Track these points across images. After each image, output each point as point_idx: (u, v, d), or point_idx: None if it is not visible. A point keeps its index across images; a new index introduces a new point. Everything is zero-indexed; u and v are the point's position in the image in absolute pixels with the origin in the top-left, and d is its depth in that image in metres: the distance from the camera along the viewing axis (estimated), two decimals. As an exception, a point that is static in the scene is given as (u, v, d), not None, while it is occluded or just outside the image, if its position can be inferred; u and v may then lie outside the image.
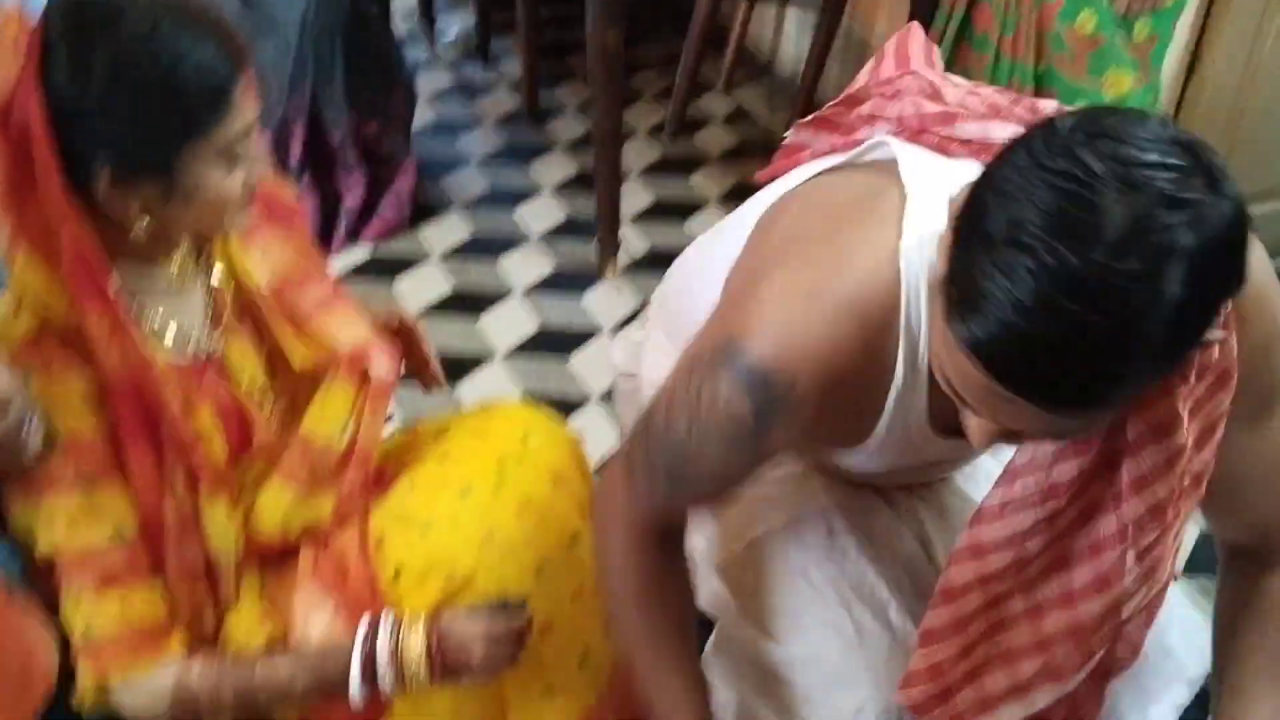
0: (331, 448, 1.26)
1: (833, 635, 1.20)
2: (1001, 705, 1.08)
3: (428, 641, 1.16)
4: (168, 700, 1.15)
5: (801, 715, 1.20)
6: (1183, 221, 0.71)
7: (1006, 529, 1.02)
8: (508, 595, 1.23)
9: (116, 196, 1.07)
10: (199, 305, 1.23)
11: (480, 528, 1.24)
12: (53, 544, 1.10)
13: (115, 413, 1.10)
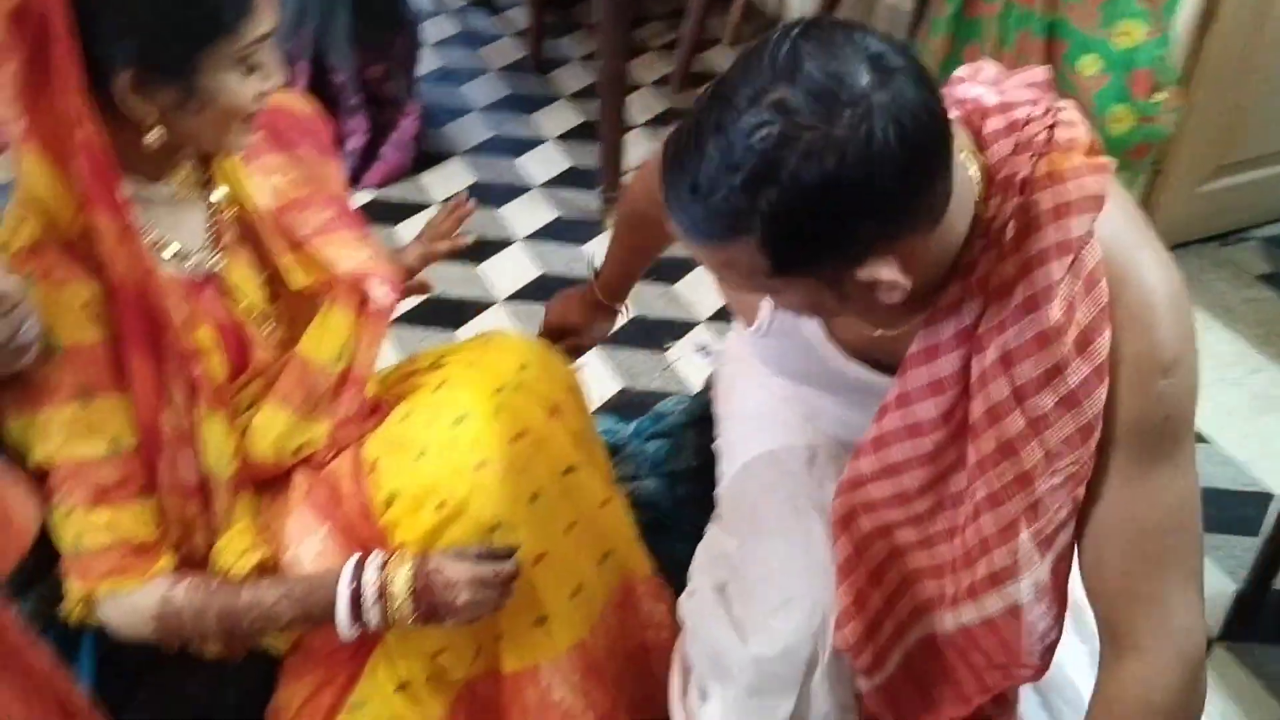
0: (328, 371, 1.26)
1: (780, 538, 1.23)
2: (910, 629, 1.13)
3: (413, 581, 1.15)
4: (151, 618, 1.15)
5: (739, 604, 1.22)
6: (785, 85, 0.81)
7: (879, 462, 1.07)
8: (498, 539, 1.22)
9: (135, 101, 1.07)
10: (200, 224, 1.23)
11: (474, 455, 1.23)
12: (47, 455, 1.10)
13: (118, 322, 1.10)
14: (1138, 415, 0.94)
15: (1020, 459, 0.97)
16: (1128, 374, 0.94)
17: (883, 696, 1.18)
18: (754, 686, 1.18)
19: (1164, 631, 0.96)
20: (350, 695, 1.25)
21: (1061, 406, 0.94)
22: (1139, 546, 0.96)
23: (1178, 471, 0.96)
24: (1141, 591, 0.96)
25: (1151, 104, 2.12)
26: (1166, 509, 0.96)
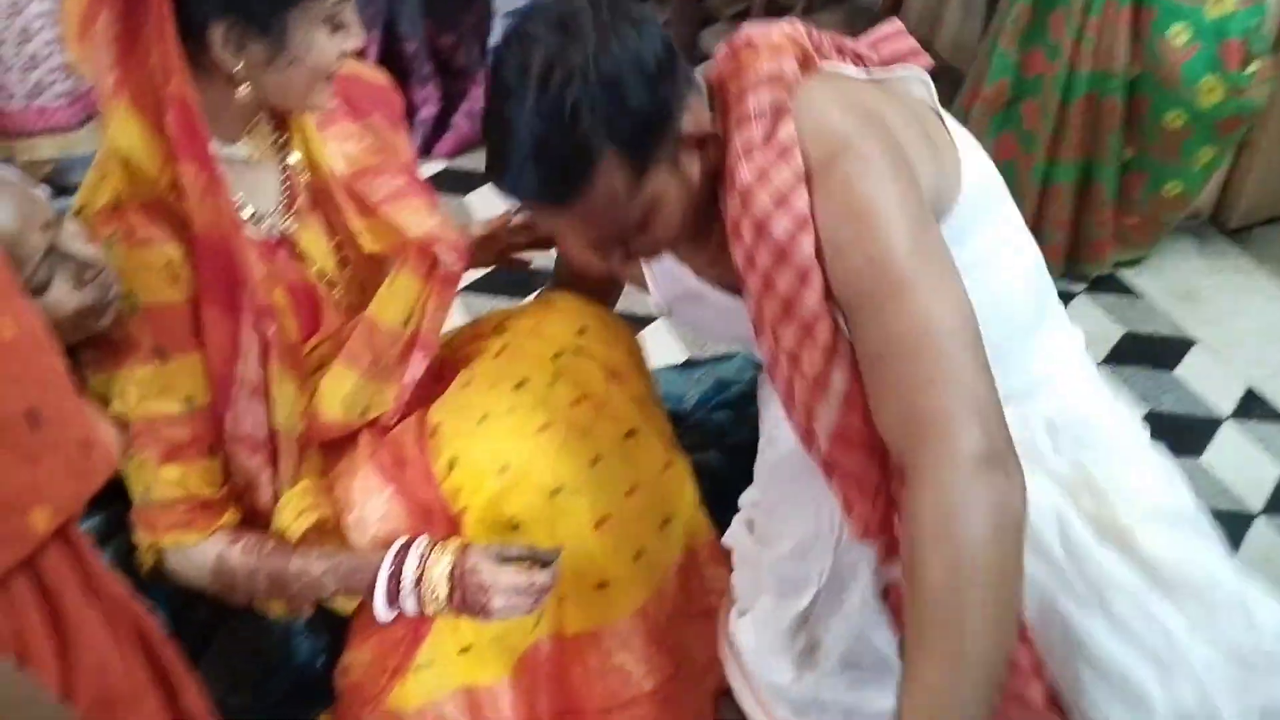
0: (396, 333, 1.27)
1: (789, 472, 1.25)
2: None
3: (451, 574, 1.16)
4: (209, 572, 1.19)
5: (760, 525, 1.30)
6: (524, 34, 1.00)
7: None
8: (559, 502, 1.22)
9: (226, 55, 1.10)
10: (274, 188, 1.25)
11: (535, 419, 1.23)
12: (123, 411, 1.13)
13: (198, 278, 1.13)
14: (851, 264, 1.01)
15: (764, 314, 1.06)
16: (830, 233, 1.02)
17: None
18: (777, 590, 1.21)
19: (943, 454, 0.93)
20: (415, 657, 1.27)
21: (777, 261, 1.03)
22: (889, 378, 0.99)
23: (904, 302, 0.98)
24: (909, 419, 0.97)
25: (1244, 75, 2.05)
26: (908, 332, 0.98)
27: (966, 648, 0.88)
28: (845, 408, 1.04)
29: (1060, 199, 2.21)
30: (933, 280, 1.00)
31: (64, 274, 1.07)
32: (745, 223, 1.05)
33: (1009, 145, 2.21)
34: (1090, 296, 2.33)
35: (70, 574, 0.63)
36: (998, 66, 2.16)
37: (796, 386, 1.06)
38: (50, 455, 0.59)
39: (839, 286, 1.02)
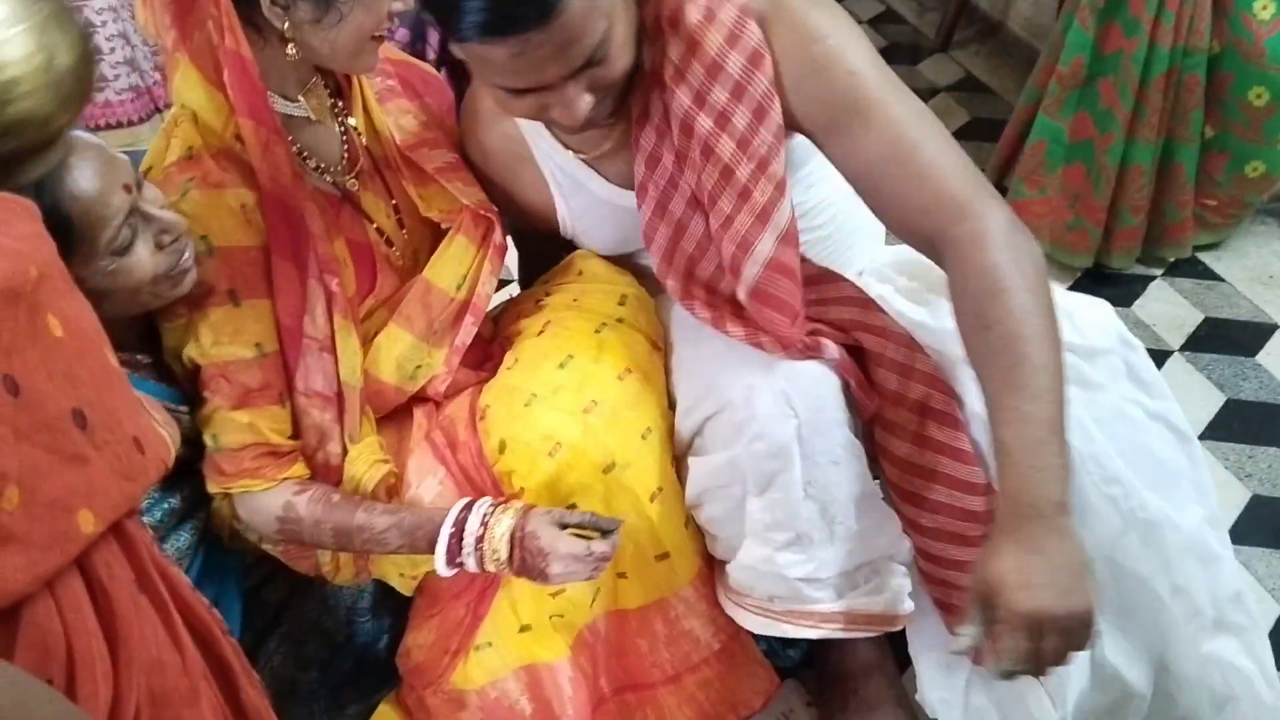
0: (449, 296, 1.29)
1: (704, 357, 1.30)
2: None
3: (512, 536, 1.16)
4: (275, 519, 1.21)
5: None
6: None
7: (668, 226, 1.22)
8: (613, 479, 1.22)
9: (274, 13, 1.11)
10: (335, 146, 1.28)
11: (582, 396, 1.23)
12: (197, 355, 1.17)
13: (267, 227, 1.15)
14: (824, 83, 1.12)
15: (718, 153, 1.14)
16: (794, 62, 1.13)
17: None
18: (757, 487, 1.21)
19: (983, 223, 1.07)
20: (475, 637, 1.28)
21: (733, 98, 1.12)
22: (907, 173, 1.11)
23: (891, 104, 1.12)
24: (939, 202, 1.10)
25: (1332, 51, 1.97)
26: (906, 131, 1.11)
27: (1043, 380, 1.01)
28: (784, 240, 1.15)
29: (1138, 180, 2.14)
30: (901, 89, 1.14)
31: (145, 236, 1.10)
32: (694, 65, 1.12)
33: (1085, 124, 2.15)
34: (1168, 281, 2.27)
35: (123, 571, 0.63)
36: (1074, 43, 2.10)
37: (725, 233, 1.16)
38: (99, 455, 0.59)
39: (813, 109, 1.14)
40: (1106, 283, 2.24)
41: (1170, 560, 1.18)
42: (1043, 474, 0.98)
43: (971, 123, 2.78)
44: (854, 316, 1.26)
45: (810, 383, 1.20)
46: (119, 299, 1.11)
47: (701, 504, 1.27)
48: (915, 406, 1.22)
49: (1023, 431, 1.00)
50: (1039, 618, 0.94)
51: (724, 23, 1.12)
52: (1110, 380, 1.18)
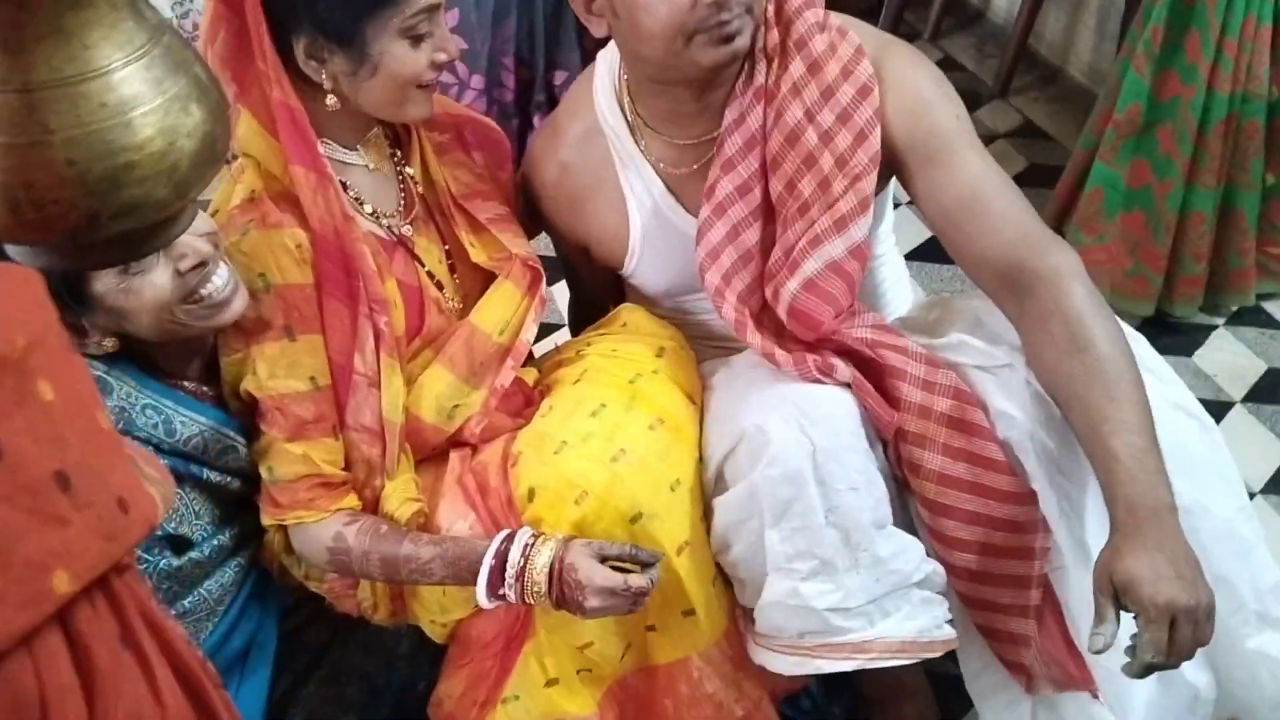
0: (492, 340, 1.32)
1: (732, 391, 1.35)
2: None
3: (551, 567, 1.16)
4: (326, 549, 1.23)
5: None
6: None
7: (724, 226, 1.30)
8: (640, 529, 1.21)
9: (312, 67, 1.17)
10: (393, 194, 1.33)
11: (611, 445, 1.23)
12: (254, 387, 1.21)
13: (319, 268, 1.20)
14: (933, 118, 1.25)
15: (819, 166, 1.24)
16: (903, 98, 1.26)
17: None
18: (774, 519, 1.20)
19: (1068, 258, 1.19)
20: (503, 689, 1.28)
21: (839, 122, 1.24)
22: (996, 208, 1.22)
23: (981, 151, 1.26)
24: (1027, 237, 1.20)
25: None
26: (992, 175, 1.24)
27: (1138, 395, 1.11)
28: (853, 253, 1.26)
29: (1199, 227, 2.10)
30: (980, 141, 1.28)
31: (164, 260, 1.14)
32: (812, 85, 1.25)
33: (1143, 172, 2.11)
34: (1231, 330, 2.21)
35: (107, 626, 0.63)
36: (1130, 90, 2.07)
37: (804, 233, 1.25)
38: (80, 516, 0.60)
39: (917, 140, 1.25)
40: (1168, 331, 2.19)
41: (1207, 548, 1.15)
42: (1155, 478, 1.07)
43: (1030, 169, 2.75)
44: (875, 336, 1.29)
45: (825, 409, 1.22)
46: (139, 319, 1.15)
47: (728, 545, 1.26)
48: (942, 419, 1.25)
49: (1130, 440, 1.08)
50: (1174, 608, 1.01)
51: (841, 57, 1.25)
52: None
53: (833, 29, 1.27)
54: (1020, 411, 1.23)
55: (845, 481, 1.20)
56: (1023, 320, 1.21)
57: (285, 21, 1.15)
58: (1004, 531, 1.24)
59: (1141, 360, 1.24)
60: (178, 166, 0.70)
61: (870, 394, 1.26)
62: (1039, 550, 1.25)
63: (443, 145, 1.38)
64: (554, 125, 1.45)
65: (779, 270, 1.28)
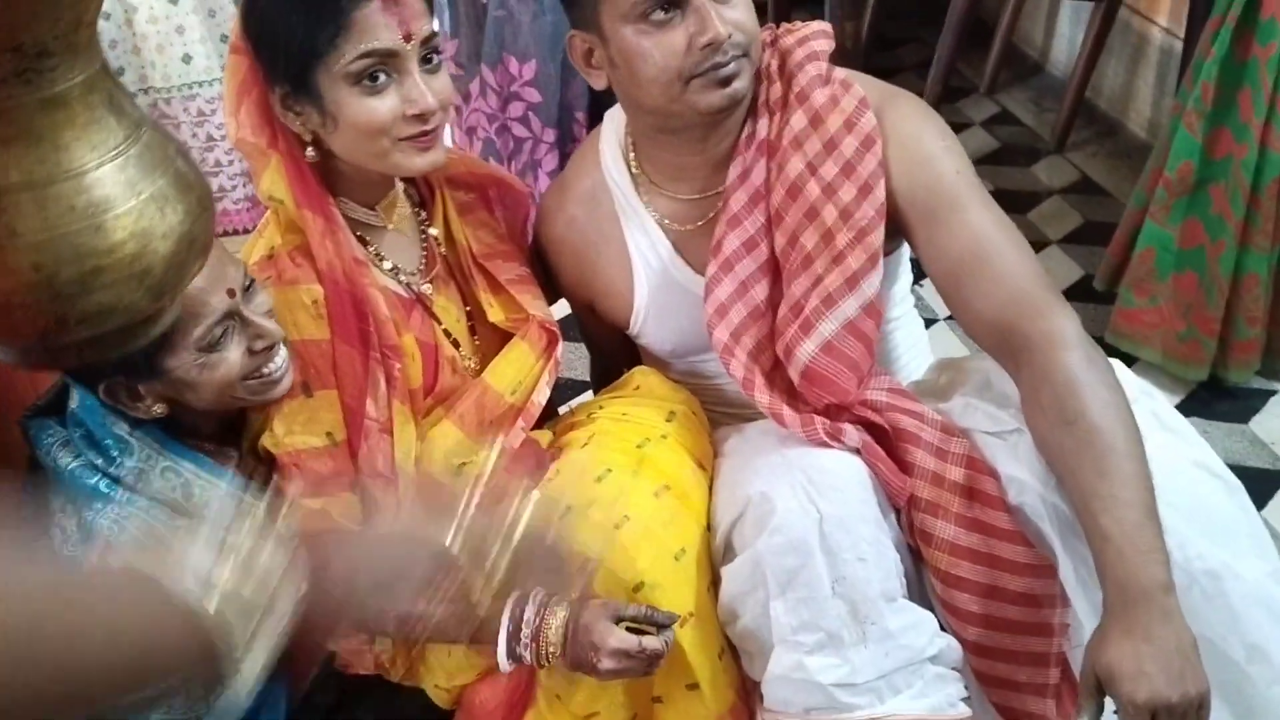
0: (504, 399, 1.31)
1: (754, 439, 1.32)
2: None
3: (565, 629, 1.14)
4: None
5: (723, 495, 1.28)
6: None
7: (732, 283, 1.28)
8: (642, 599, 1.18)
9: (289, 119, 1.18)
10: (415, 252, 1.33)
11: (615, 511, 1.21)
12: (272, 443, 1.21)
13: (331, 315, 1.20)
14: (934, 173, 1.23)
15: (822, 219, 1.23)
16: (905, 151, 1.24)
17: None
18: (780, 589, 1.15)
19: (1064, 324, 1.15)
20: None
21: (842, 174, 1.23)
22: (993, 270, 1.19)
23: (985, 207, 1.23)
24: (1023, 300, 1.17)
25: None
26: (993, 232, 1.21)
27: (1131, 466, 1.06)
28: (867, 311, 1.24)
29: (1253, 290, 2.03)
30: (990, 198, 1.25)
31: (239, 339, 1.15)
32: (814, 138, 1.24)
33: (1196, 232, 2.05)
34: (1290, 396, 2.13)
35: None
36: (1181, 148, 2.02)
37: (813, 291, 1.23)
38: None
39: (918, 195, 1.23)
40: (1224, 397, 2.11)
41: (1239, 615, 1.11)
42: (1146, 556, 1.01)
43: (1084, 226, 2.69)
44: (889, 400, 1.26)
45: (834, 477, 1.19)
46: (204, 392, 1.15)
47: (735, 616, 1.23)
48: (955, 488, 1.21)
49: (1121, 516, 1.03)
50: (1154, 705, 0.97)
51: (844, 110, 1.24)
52: (1145, 431, 1.13)
53: (836, 82, 1.27)
54: (1032, 475, 1.19)
55: (853, 551, 1.16)
56: (1020, 386, 1.18)
57: (266, 73, 1.17)
58: (1019, 605, 1.20)
59: (1161, 419, 1.20)
60: (150, 270, 0.67)
61: (881, 459, 1.23)
62: (1057, 626, 1.20)
63: (466, 204, 1.38)
64: (562, 181, 1.46)
65: (788, 327, 1.26)
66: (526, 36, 2.13)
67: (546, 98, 2.22)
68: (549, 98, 2.22)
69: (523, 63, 2.16)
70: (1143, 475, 1.06)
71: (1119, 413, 1.10)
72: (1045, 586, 1.19)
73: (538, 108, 2.21)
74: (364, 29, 1.11)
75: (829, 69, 1.28)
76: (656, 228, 1.37)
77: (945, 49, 2.83)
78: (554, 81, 2.26)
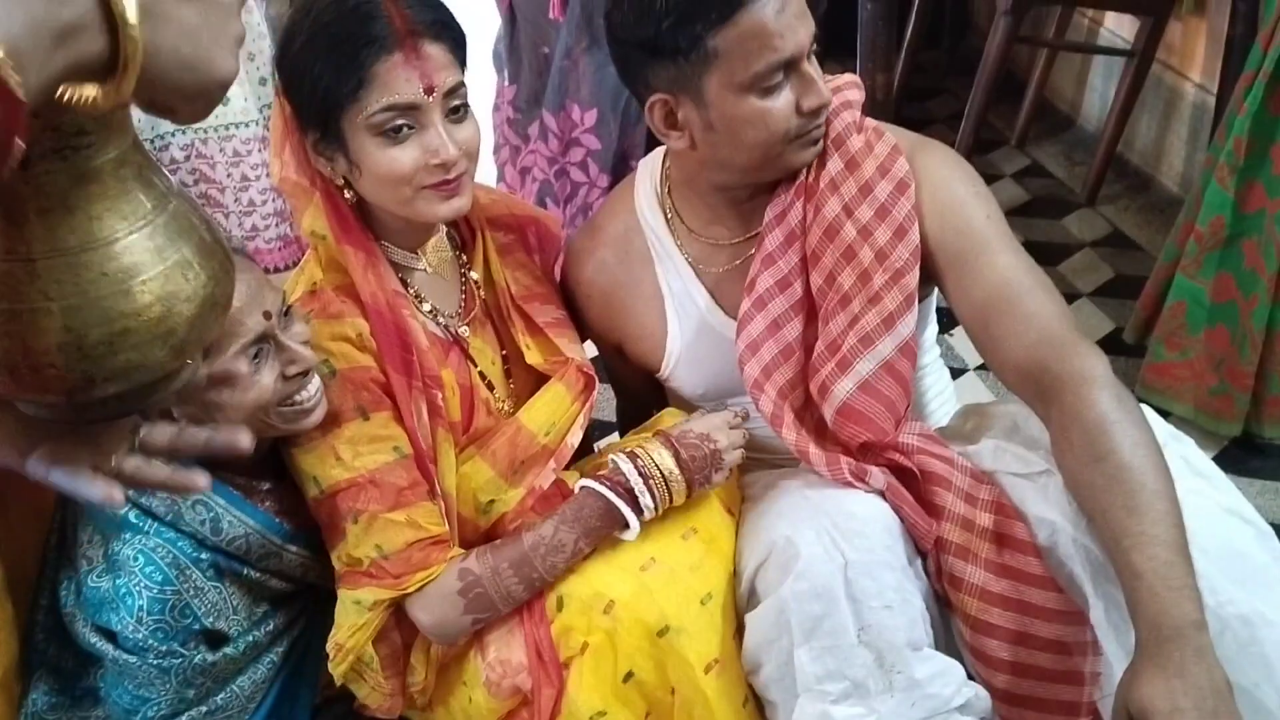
0: (537, 440, 1.31)
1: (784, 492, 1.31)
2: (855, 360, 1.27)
3: (675, 452, 1.21)
4: (458, 594, 1.21)
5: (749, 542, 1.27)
6: None
7: (764, 321, 1.30)
8: (665, 644, 1.18)
9: (321, 164, 1.20)
10: (454, 294, 1.35)
11: (641, 553, 1.21)
12: (339, 474, 1.20)
13: (378, 344, 1.22)
14: (963, 217, 1.26)
15: (859, 259, 1.26)
16: (938, 195, 1.27)
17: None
18: (805, 637, 1.15)
19: (1094, 362, 1.15)
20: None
21: (877, 217, 1.26)
22: (1023, 311, 1.20)
23: (1013, 251, 1.25)
24: (1052, 340, 1.17)
25: None
26: (1022, 275, 1.23)
27: (1161, 505, 1.05)
28: (902, 351, 1.26)
29: (1288, 345, 2.01)
30: (1018, 243, 1.27)
31: (273, 363, 1.17)
32: (850, 181, 1.27)
33: (1228, 286, 2.04)
34: (1326, 453, 2.09)
35: None
36: (1212, 202, 2.01)
37: (850, 330, 1.25)
38: None
39: (948, 238, 1.26)
40: (1257, 453, 2.08)
41: (1272, 662, 1.09)
42: (1178, 594, 1.00)
43: (1115, 279, 2.68)
44: (919, 444, 1.26)
45: (859, 522, 1.19)
46: (234, 417, 1.16)
47: (759, 664, 1.22)
48: (985, 533, 1.21)
49: (1153, 554, 1.02)
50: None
51: (878, 155, 1.28)
52: (1175, 476, 1.12)
53: (869, 129, 1.31)
54: (1062, 517, 1.18)
55: (879, 599, 1.15)
56: (1049, 426, 1.18)
57: (299, 118, 1.19)
58: (1049, 653, 1.19)
59: (1191, 465, 1.20)
60: (174, 331, 0.71)
61: (907, 501, 1.23)
62: (1088, 675, 1.19)
63: (506, 246, 1.40)
64: (594, 224, 1.48)
65: (824, 365, 1.27)
66: (591, 86, 2.18)
67: (605, 145, 2.26)
68: (607, 145, 2.26)
69: (585, 110, 2.20)
70: (1174, 514, 1.05)
71: (1149, 451, 1.09)
72: (1076, 634, 1.18)
73: (596, 154, 2.25)
74: (385, 82, 1.13)
75: (862, 118, 1.32)
76: (691, 272, 1.39)
77: (976, 102, 2.84)
78: (613, 130, 2.30)
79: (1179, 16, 2.78)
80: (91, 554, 1.21)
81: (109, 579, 1.18)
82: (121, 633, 1.17)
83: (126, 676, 1.20)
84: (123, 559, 1.17)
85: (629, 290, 1.42)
